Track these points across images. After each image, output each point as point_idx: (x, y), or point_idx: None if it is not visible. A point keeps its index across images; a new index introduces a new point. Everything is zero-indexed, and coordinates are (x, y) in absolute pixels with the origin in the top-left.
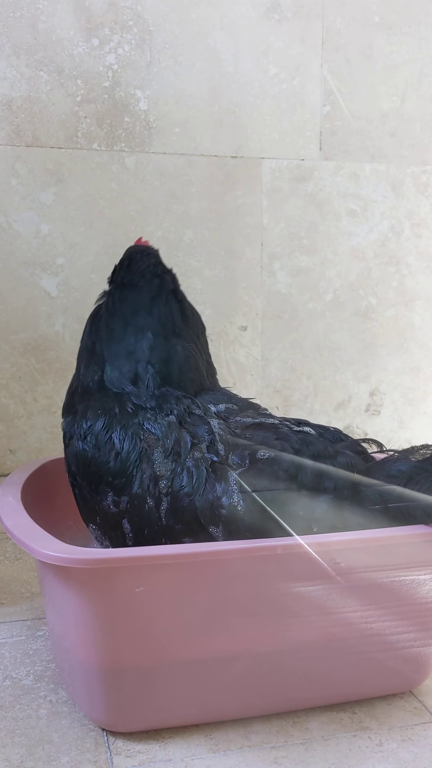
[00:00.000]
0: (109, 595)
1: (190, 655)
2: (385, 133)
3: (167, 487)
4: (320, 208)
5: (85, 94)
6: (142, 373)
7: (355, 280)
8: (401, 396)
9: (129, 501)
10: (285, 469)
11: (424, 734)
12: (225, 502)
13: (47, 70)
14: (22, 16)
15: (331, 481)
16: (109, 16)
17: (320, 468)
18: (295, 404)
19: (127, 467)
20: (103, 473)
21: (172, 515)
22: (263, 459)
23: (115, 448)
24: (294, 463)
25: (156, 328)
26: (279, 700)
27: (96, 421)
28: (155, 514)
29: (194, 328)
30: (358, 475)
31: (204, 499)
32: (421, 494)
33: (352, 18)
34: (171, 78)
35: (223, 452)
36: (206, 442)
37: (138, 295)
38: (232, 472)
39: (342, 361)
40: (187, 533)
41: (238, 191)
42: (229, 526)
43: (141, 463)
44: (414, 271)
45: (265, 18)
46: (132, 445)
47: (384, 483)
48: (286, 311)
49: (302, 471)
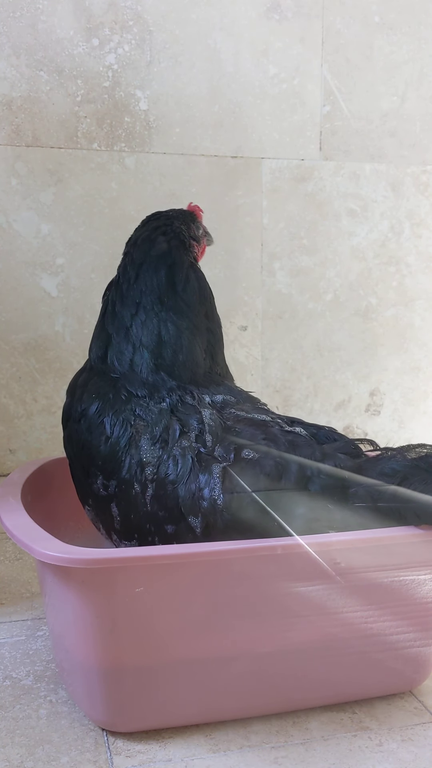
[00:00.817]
0: (109, 595)
1: (190, 655)
2: (385, 133)
3: (153, 473)
4: (320, 208)
5: (85, 94)
6: (138, 359)
7: (355, 280)
8: (401, 396)
9: (117, 485)
10: (267, 473)
11: (424, 734)
12: (206, 494)
13: (47, 70)
14: (22, 16)
15: (316, 484)
16: (109, 16)
17: (304, 473)
18: (295, 404)
19: (116, 452)
20: (94, 456)
21: (157, 502)
22: (247, 459)
23: (105, 433)
24: (277, 467)
25: (148, 301)
26: (279, 700)
27: (90, 405)
28: (141, 499)
29: (192, 303)
30: (349, 473)
31: (187, 488)
32: (416, 494)
33: (352, 18)
34: (171, 78)
35: (210, 444)
36: (195, 431)
37: (140, 258)
38: (217, 464)
39: (342, 361)
40: (169, 521)
41: (238, 191)
42: (207, 518)
43: (130, 449)
44: (414, 271)
45: (265, 18)
46: (122, 431)
47: (376, 482)
48: (286, 311)
49: (285, 475)
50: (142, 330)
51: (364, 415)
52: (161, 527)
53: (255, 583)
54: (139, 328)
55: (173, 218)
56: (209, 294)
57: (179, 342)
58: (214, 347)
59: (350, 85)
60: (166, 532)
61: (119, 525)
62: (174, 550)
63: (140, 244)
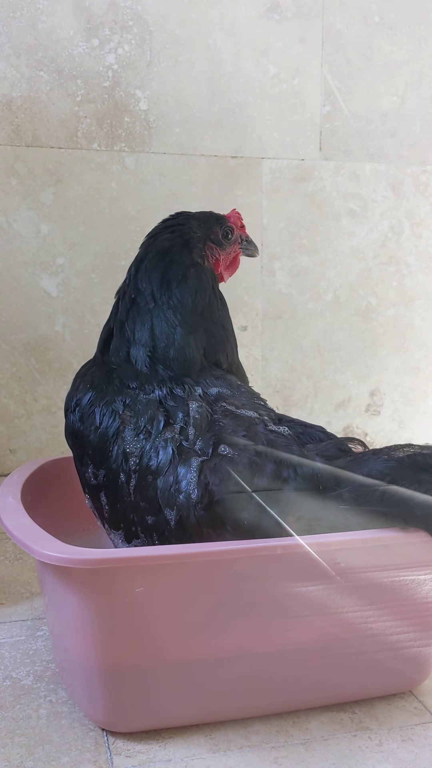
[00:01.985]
0: (109, 595)
1: (190, 655)
2: (385, 133)
3: (136, 464)
4: (320, 208)
5: (85, 94)
6: (134, 352)
7: (355, 280)
8: (401, 396)
9: (105, 474)
10: (240, 471)
11: (424, 734)
12: (183, 487)
13: (47, 70)
14: (22, 16)
15: (292, 486)
16: (109, 16)
17: (280, 474)
18: (295, 404)
19: (104, 442)
20: (85, 446)
21: (139, 492)
22: (222, 455)
23: (95, 423)
24: (251, 466)
25: (143, 297)
26: (279, 700)
27: (84, 395)
28: (126, 489)
29: (185, 302)
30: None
31: (165, 480)
32: (404, 497)
33: (352, 18)
34: (171, 78)
35: (193, 437)
36: (181, 423)
37: (141, 254)
38: (196, 458)
39: (342, 361)
40: (149, 512)
41: (238, 191)
42: (181, 511)
43: (117, 439)
44: (414, 271)
45: (265, 18)
46: (111, 421)
47: (362, 484)
48: (286, 311)
49: (259, 474)
50: (136, 324)
51: (364, 415)
52: (143, 518)
53: (255, 583)
54: (133, 323)
55: (190, 218)
56: (210, 295)
57: (171, 338)
58: (216, 347)
59: (350, 85)
60: (147, 522)
61: (107, 514)
62: (174, 550)
63: (146, 241)
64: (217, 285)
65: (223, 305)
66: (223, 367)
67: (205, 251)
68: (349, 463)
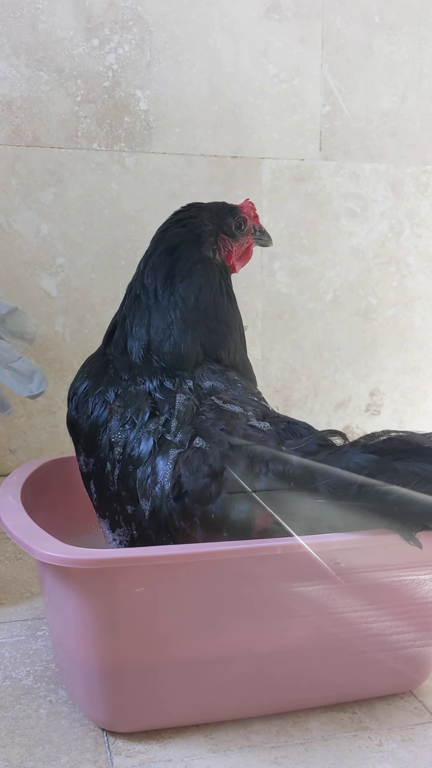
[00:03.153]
0: (109, 595)
1: (190, 655)
2: (385, 133)
3: (120, 454)
4: (320, 208)
5: (85, 94)
6: (131, 344)
7: (355, 280)
8: (401, 396)
9: (95, 463)
10: (210, 464)
11: (424, 734)
12: (159, 478)
13: (47, 70)
14: (22, 16)
15: (263, 483)
16: (109, 16)
17: (252, 469)
18: (295, 404)
19: (95, 431)
20: (79, 434)
21: (121, 482)
22: (196, 447)
23: (87, 412)
24: (222, 460)
25: (145, 292)
26: (279, 700)
27: (81, 384)
28: (111, 478)
29: (188, 298)
30: (304, 471)
31: (143, 470)
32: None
33: (352, 18)
34: (171, 78)
35: (174, 429)
36: (167, 415)
37: (150, 249)
38: (174, 449)
39: (342, 361)
40: (129, 501)
41: (238, 191)
42: (155, 502)
43: (106, 429)
44: (414, 271)
45: (265, 18)
46: (101, 410)
47: (336, 479)
48: (286, 311)
49: (230, 468)
50: (135, 319)
51: (364, 415)
52: (124, 507)
53: (255, 583)
54: (133, 318)
55: (202, 209)
56: (215, 292)
57: (167, 333)
58: (217, 344)
59: (350, 85)
60: (127, 512)
61: (96, 502)
62: (174, 551)
63: (156, 235)
64: (227, 280)
65: (231, 301)
66: (225, 363)
67: (218, 243)
68: (327, 456)
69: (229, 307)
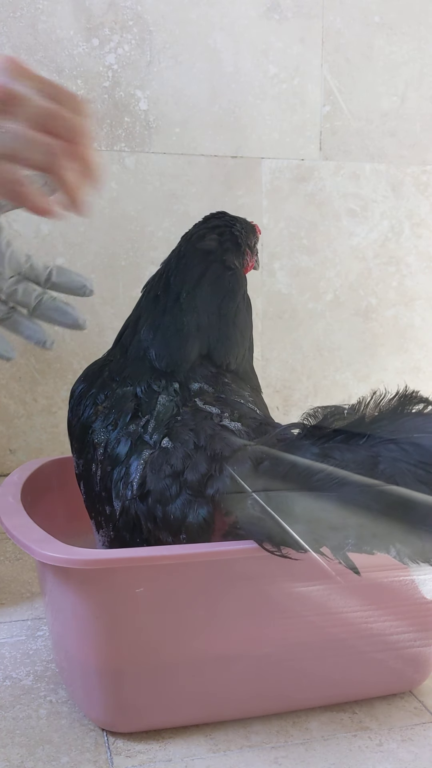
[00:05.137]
0: (109, 595)
1: (190, 656)
2: (385, 133)
3: (102, 455)
4: (320, 208)
5: (85, 94)
6: (135, 345)
7: (355, 280)
8: None
9: (83, 464)
10: (171, 464)
11: (424, 734)
12: (130, 479)
13: (47, 70)
14: (22, 16)
15: (213, 488)
16: (109, 16)
17: (211, 467)
18: (295, 404)
19: (84, 433)
20: (71, 435)
21: (101, 482)
22: (163, 448)
23: (79, 414)
24: (183, 461)
25: (172, 292)
26: (279, 700)
27: (78, 387)
28: (95, 479)
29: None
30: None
31: (119, 471)
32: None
33: (352, 18)
34: (171, 78)
35: (152, 429)
36: (147, 416)
37: (183, 252)
38: (147, 450)
39: (342, 361)
40: (107, 501)
41: (238, 191)
42: (124, 503)
43: (92, 431)
44: (414, 271)
45: (265, 18)
46: (90, 412)
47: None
48: (286, 311)
49: (190, 469)
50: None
51: None
52: (104, 507)
53: (255, 583)
54: (146, 319)
55: (236, 220)
56: (239, 301)
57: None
58: (228, 350)
59: (350, 85)
60: (106, 512)
61: (85, 503)
62: (174, 551)
63: (192, 239)
64: (246, 290)
65: (249, 311)
66: (231, 368)
67: (246, 256)
68: (283, 447)
69: (247, 316)
